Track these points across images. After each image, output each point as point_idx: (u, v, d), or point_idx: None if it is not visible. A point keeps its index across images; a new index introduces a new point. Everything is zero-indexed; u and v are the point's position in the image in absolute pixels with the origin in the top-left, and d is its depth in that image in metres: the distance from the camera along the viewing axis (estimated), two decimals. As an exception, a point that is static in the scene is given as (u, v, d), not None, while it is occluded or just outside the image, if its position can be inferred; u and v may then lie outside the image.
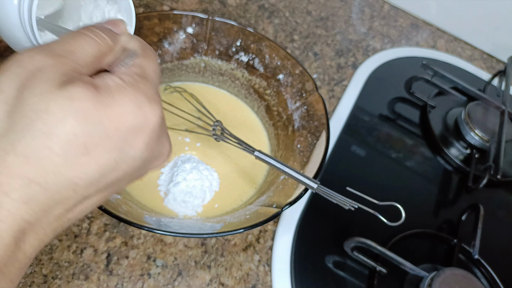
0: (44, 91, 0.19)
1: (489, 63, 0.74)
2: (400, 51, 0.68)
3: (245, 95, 0.51)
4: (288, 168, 0.36)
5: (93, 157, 0.20)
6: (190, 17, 0.47)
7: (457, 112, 0.59)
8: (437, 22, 0.75)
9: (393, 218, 0.37)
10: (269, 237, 0.43)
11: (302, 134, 0.45)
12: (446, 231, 0.49)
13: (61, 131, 0.19)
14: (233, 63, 0.50)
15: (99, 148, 0.20)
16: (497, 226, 0.51)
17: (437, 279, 0.40)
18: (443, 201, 0.52)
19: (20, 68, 0.19)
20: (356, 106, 0.57)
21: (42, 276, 0.36)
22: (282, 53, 0.47)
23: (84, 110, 0.19)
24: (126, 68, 0.23)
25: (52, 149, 0.18)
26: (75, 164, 0.19)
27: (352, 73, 0.62)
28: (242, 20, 0.63)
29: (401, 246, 0.44)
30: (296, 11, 0.69)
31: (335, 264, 0.43)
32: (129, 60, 0.23)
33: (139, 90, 0.21)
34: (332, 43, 0.66)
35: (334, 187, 0.36)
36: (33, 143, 0.18)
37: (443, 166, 0.56)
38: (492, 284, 0.45)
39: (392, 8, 0.76)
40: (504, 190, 0.55)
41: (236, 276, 0.40)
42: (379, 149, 0.55)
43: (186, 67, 0.50)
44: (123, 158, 0.21)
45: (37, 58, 0.20)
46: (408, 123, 0.59)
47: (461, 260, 0.46)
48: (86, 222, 0.40)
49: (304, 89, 0.46)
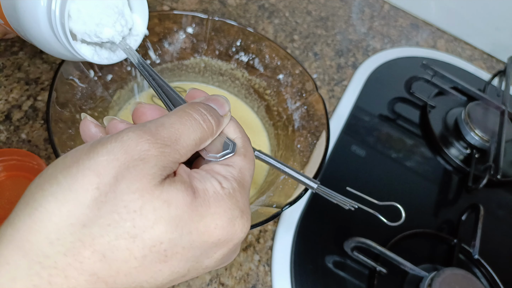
0: (142, 188, 0.17)
1: (489, 63, 0.74)
2: (400, 51, 0.68)
3: (245, 95, 0.51)
4: (288, 168, 0.36)
5: (169, 265, 0.18)
6: (190, 17, 0.47)
7: (457, 112, 0.59)
8: (437, 22, 0.75)
9: (393, 218, 0.37)
10: (269, 237, 0.43)
11: (302, 134, 0.45)
12: (446, 231, 0.49)
13: (147, 236, 0.17)
14: (233, 63, 0.50)
15: (177, 257, 0.18)
16: (497, 226, 0.51)
17: (437, 279, 0.40)
18: (443, 201, 0.52)
19: (122, 152, 0.18)
20: (356, 106, 0.57)
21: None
22: (282, 53, 0.47)
23: (178, 218, 0.18)
24: (225, 168, 0.21)
25: (133, 252, 0.17)
26: (149, 269, 0.18)
27: (352, 73, 0.62)
28: (242, 20, 0.63)
29: (401, 246, 0.44)
30: (296, 11, 0.69)
31: (335, 264, 0.43)
32: (226, 152, 0.22)
33: (236, 203, 0.20)
34: (332, 43, 0.66)
35: (334, 187, 0.36)
36: (116, 243, 0.17)
37: (443, 166, 0.56)
38: (492, 284, 0.45)
39: (392, 8, 0.76)
40: (504, 190, 0.55)
41: (236, 276, 0.40)
42: (379, 149, 0.55)
43: (186, 67, 0.50)
44: (196, 267, 0.20)
45: (142, 144, 0.18)
46: (408, 123, 0.59)
47: (461, 260, 0.46)
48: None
49: (304, 89, 0.46)
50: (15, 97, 0.46)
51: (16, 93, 0.46)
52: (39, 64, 0.49)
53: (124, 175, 0.17)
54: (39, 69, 0.48)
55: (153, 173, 0.18)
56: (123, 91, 0.46)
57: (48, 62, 0.49)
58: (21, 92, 0.46)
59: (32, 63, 0.49)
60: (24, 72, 0.48)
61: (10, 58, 0.48)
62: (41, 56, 0.50)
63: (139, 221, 0.17)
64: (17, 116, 0.45)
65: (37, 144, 0.43)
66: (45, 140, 0.43)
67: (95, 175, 0.17)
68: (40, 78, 0.48)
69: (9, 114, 0.44)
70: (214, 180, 0.20)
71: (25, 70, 0.48)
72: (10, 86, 0.46)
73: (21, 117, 0.44)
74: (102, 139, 0.18)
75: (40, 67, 0.49)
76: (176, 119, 0.20)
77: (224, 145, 0.22)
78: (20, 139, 0.43)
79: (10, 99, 0.45)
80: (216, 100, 0.23)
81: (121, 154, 0.18)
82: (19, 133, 0.43)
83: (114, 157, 0.17)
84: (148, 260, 0.18)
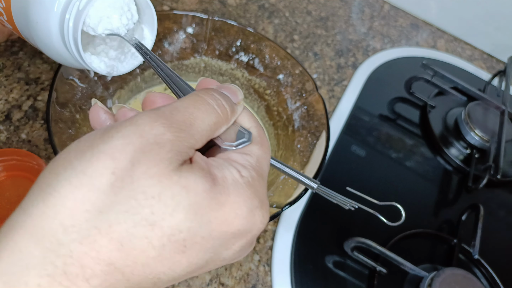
0: (160, 173, 0.17)
1: (489, 63, 0.74)
2: (400, 51, 0.68)
3: (245, 95, 0.51)
4: (288, 168, 0.36)
5: (187, 256, 0.18)
6: (190, 17, 0.47)
7: (457, 112, 0.59)
8: (437, 22, 0.75)
9: (393, 218, 0.37)
10: (269, 237, 0.43)
11: (302, 134, 0.45)
12: (446, 231, 0.49)
13: (166, 224, 0.17)
14: (233, 63, 0.50)
15: (196, 247, 0.18)
16: (497, 226, 0.51)
17: (437, 279, 0.40)
18: (443, 201, 0.52)
19: (137, 135, 0.17)
20: (356, 106, 0.57)
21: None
22: (282, 53, 0.47)
23: (197, 205, 0.17)
24: (242, 157, 0.21)
25: (151, 241, 0.16)
26: (167, 259, 0.17)
27: (352, 73, 0.62)
28: (242, 20, 0.63)
29: (401, 246, 0.44)
30: (296, 11, 0.69)
31: (335, 264, 0.43)
32: (243, 141, 0.21)
33: (255, 192, 0.19)
34: (332, 43, 0.66)
35: (334, 187, 0.36)
36: (133, 231, 0.16)
37: (443, 166, 0.56)
38: (492, 284, 0.45)
39: (392, 8, 0.76)
40: (504, 190, 0.55)
41: (236, 276, 0.40)
42: (379, 149, 0.55)
43: (186, 67, 0.50)
44: (214, 259, 0.19)
45: (157, 128, 0.17)
46: (408, 123, 0.59)
47: (461, 260, 0.46)
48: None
49: (304, 89, 0.46)
50: (15, 97, 0.46)
51: (16, 93, 0.46)
52: (39, 64, 0.49)
53: (140, 160, 0.17)
54: (39, 69, 0.48)
55: (170, 158, 0.17)
56: (123, 91, 0.46)
57: (48, 62, 0.49)
58: (21, 92, 0.46)
59: (32, 63, 0.49)
60: (24, 72, 0.48)
61: (10, 58, 0.48)
62: (41, 56, 0.50)
63: (157, 208, 0.16)
64: (17, 116, 0.45)
65: (37, 144, 0.43)
66: (45, 140, 0.43)
67: (110, 159, 0.16)
68: (40, 78, 0.48)
69: (9, 114, 0.44)
70: (232, 168, 0.20)
71: (25, 70, 0.48)
72: (10, 86, 0.46)
73: (21, 117, 0.45)
74: (116, 123, 0.18)
75: (40, 67, 0.49)
76: (190, 103, 0.20)
77: (239, 134, 0.22)
78: (20, 139, 0.43)
79: (10, 99, 0.46)
80: (228, 88, 0.23)
81: (136, 138, 0.17)
82: (19, 133, 0.43)
83: (129, 140, 0.17)
84: (166, 250, 0.17)
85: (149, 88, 0.49)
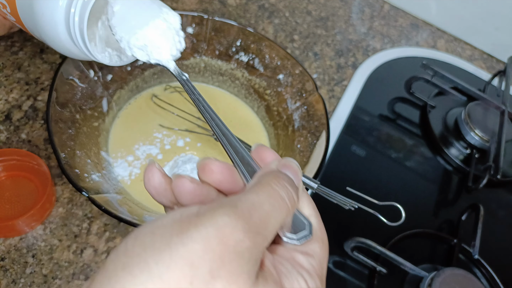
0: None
1: (489, 63, 0.74)
2: (400, 51, 0.68)
3: (245, 95, 0.51)
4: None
5: None
6: (190, 17, 0.47)
7: (457, 112, 0.59)
8: (437, 22, 0.75)
9: (393, 218, 0.37)
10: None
11: (302, 134, 0.45)
12: (446, 231, 0.49)
13: None
14: (233, 63, 0.50)
15: None
16: (497, 226, 0.51)
17: (437, 279, 0.40)
18: (443, 201, 0.52)
19: (218, 240, 0.16)
20: (356, 106, 0.57)
21: (42, 276, 0.36)
22: (282, 53, 0.47)
23: None
24: (307, 260, 0.20)
25: None
26: None
27: (352, 73, 0.62)
28: (242, 20, 0.63)
29: (401, 246, 0.44)
30: (296, 11, 0.69)
31: (335, 264, 0.43)
32: (304, 235, 0.20)
33: None
34: (332, 43, 0.66)
35: (334, 187, 0.36)
36: None
37: (443, 166, 0.56)
38: (492, 284, 0.45)
39: (392, 8, 0.76)
40: (504, 190, 0.55)
41: None
42: (379, 149, 0.55)
43: (186, 67, 0.50)
44: None
45: (238, 233, 0.16)
46: (408, 123, 0.59)
47: (461, 260, 0.46)
48: (86, 222, 0.40)
49: (304, 89, 0.46)
50: (15, 97, 0.46)
51: (16, 93, 0.46)
52: (39, 64, 0.49)
53: (220, 273, 0.15)
54: (39, 69, 0.48)
55: (248, 271, 0.16)
56: (123, 91, 0.46)
57: (48, 62, 0.49)
58: (21, 92, 0.46)
59: (32, 63, 0.49)
60: (24, 72, 0.48)
61: (10, 58, 0.48)
62: (41, 56, 0.50)
63: None
64: (17, 116, 0.45)
65: (37, 144, 0.43)
66: (45, 140, 0.43)
67: (189, 267, 0.15)
68: (40, 78, 0.48)
69: (9, 114, 0.44)
70: (300, 277, 0.19)
71: (25, 70, 0.48)
72: (10, 86, 0.46)
73: (21, 117, 0.45)
74: (192, 216, 0.17)
75: (40, 67, 0.49)
76: (265, 199, 0.18)
77: (298, 223, 0.20)
78: (20, 139, 0.43)
79: (10, 99, 0.46)
80: (291, 167, 0.21)
81: (217, 244, 0.16)
82: (19, 133, 0.43)
83: (209, 246, 0.16)
84: None
85: (149, 88, 0.49)
